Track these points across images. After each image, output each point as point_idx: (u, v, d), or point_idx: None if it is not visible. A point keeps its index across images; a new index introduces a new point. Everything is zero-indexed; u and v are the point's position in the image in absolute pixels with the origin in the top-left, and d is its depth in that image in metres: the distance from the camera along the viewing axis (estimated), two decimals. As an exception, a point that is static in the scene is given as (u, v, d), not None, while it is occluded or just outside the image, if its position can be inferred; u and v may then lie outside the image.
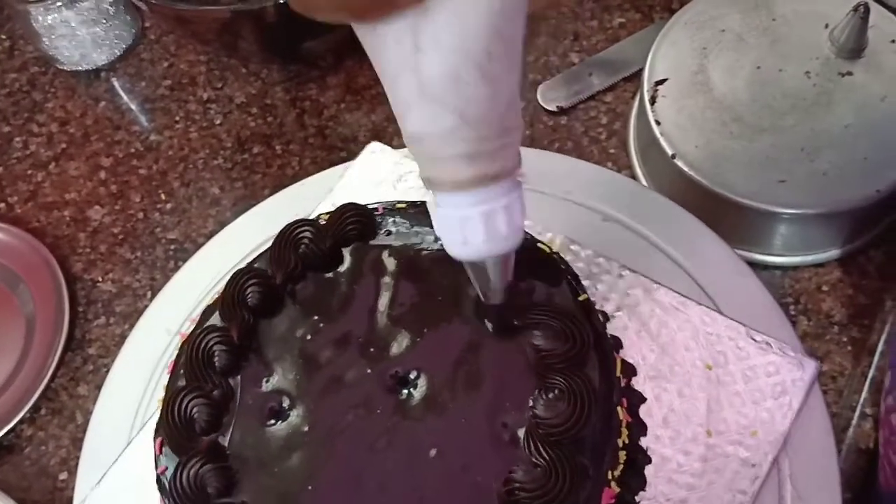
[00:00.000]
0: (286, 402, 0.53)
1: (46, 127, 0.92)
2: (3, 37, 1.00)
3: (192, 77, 0.93)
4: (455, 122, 0.39)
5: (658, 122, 0.73)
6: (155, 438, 0.54)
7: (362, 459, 0.50)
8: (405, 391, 0.52)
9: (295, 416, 0.52)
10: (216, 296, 0.57)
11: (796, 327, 0.70)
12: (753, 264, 0.72)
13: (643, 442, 0.57)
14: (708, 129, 0.73)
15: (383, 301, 0.55)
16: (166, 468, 0.52)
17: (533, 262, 0.53)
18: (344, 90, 0.90)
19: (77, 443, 0.74)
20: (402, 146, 0.82)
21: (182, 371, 0.54)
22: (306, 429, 0.52)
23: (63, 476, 0.73)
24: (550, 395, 0.48)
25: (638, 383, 0.58)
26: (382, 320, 0.54)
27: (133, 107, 0.93)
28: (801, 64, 0.75)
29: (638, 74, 0.82)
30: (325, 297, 0.56)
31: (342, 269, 0.57)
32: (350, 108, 0.89)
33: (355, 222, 0.57)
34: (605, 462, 0.49)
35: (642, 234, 0.67)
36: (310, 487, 0.50)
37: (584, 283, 0.56)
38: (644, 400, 0.58)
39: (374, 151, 0.74)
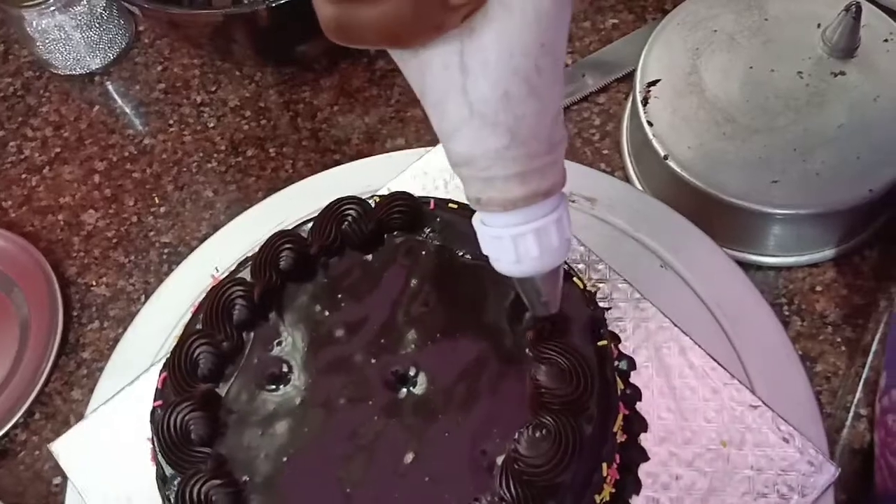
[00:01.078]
0: (287, 371, 0.54)
1: (41, 131, 0.92)
2: (-2, 41, 1.01)
3: (185, 80, 0.93)
4: (507, 141, 0.38)
5: (650, 124, 0.73)
6: (161, 372, 0.55)
7: (342, 446, 0.50)
8: (403, 389, 0.52)
9: (292, 386, 0.53)
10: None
11: (790, 328, 0.70)
12: (747, 265, 0.72)
13: (635, 501, 0.55)
14: (700, 129, 0.73)
15: (407, 296, 0.55)
16: (162, 404, 0.53)
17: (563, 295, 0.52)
18: (337, 93, 0.90)
19: (71, 447, 0.74)
20: (396, 149, 0.84)
21: (201, 315, 0.56)
22: (298, 401, 0.52)
23: (57, 481, 0.73)
24: (537, 434, 0.47)
25: (646, 440, 0.57)
26: (401, 315, 0.54)
27: (127, 110, 0.93)
28: (793, 64, 0.75)
29: (631, 75, 0.81)
30: (354, 278, 0.56)
31: (379, 254, 0.57)
32: (343, 110, 0.89)
33: (402, 212, 0.57)
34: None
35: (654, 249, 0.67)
36: (284, 459, 0.51)
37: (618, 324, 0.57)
38: (647, 458, 0.56)
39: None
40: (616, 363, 0.56)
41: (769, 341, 0.62)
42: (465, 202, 0.52)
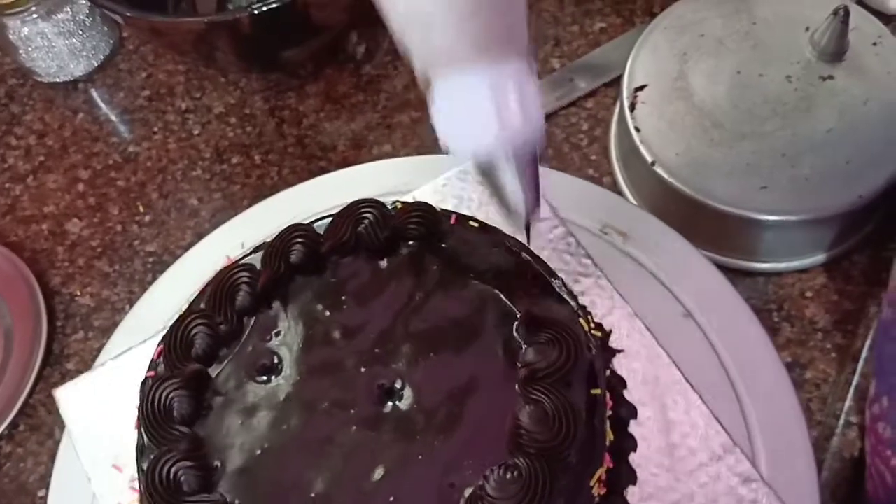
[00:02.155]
0: (279, 364, 0.53)
1: (24, 139, 0.92)
2: (-19, 49, 1.00)
3: (170, 87, 0.92)
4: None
5: (638, 129, 0.73)
6: (159, 344, 0.55)
7: (316, 450, 0.50)
8: (389, 403, 0.51)
9: (280, 380, 0.53)
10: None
11: (779, 334, 0.69)
12: (736, 271, 0.72)
13: None
14: (688, 135, 0.72)
15: (410, 309, 0.54)
16: (153, 375, 0.53)
17: (559, 332, 0.50)
18: (323, 99, 0.89)
19: (55, 459, 0.73)
20: (383, 157, 0.83)
21: (205, 295, 0.56)
22: (283, 397, 0.52)
23: (42, 493, 0.72)
24: (507, 475, 0.45)
25: (632, 495, 0.55)
26: (400, 327, 0.54)
27: (112, 118, 0.92)
28: (781, 68, 0.74)
29: (619, 79, 0.81)
30: (361, 282, 0.56)
31: (390, 262, 0.57)
32: (330, 116, 0.88)
33: (420, 222, 0.56)
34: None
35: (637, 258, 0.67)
36: (258, 452, 0.50)
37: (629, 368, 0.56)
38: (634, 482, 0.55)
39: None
40: (613, 411, 0.55)
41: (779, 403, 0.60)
42: (486, 222, 0.51)
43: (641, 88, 0.75)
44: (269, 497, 0.49)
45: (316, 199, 0.72)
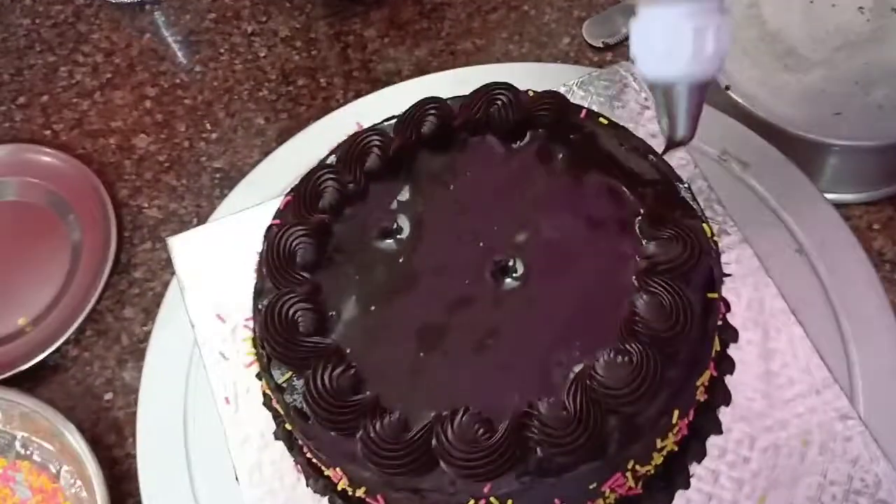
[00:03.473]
0: (399, 229, 0.55)
1: (91, 57, 0.93)
2: (47, -30, 1.01)
3: (236, 11, 0.93)
4: None
5: (711, 54, 0.73)
6: (287, 195, 0.57)
7: (428, 312, 0.51)
8: (505, 280, 0.52)
9: (399, 244, 0.54)
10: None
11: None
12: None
13: (695, 468, 0.54)
14: (761, 61, 0.72)
15: (533, 192, 0.55)
16: (280, 223, 0.55)
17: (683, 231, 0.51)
18: (387, 25, 0.89)
19: (122, 364, 0.75)
20: (444, 68, 0.83)
21: (336, 153, 0.58)
22: (401, 260, 0.54)
23: (108, 396, 0.74)
24: (618, 359, 0.46)
25: (725, 414, 0.56)
26: (522, 208, 0.54)
27: (178, 39, 0.93)
28: (853, -1, 0.74)
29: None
30: (486, 161, 0.57)
31: (519, 145, 0.57)
32: (394, 42, 0.88)
33: (550, 110, 0.57)
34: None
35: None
36: (373, 307, 0.52)
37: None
38: (720, 432, 0.55)
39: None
40: (719, 325, 0.54)
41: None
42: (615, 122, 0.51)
43: (715, 15, 0.75)
44: (379, 349, 0.50)
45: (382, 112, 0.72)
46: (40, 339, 0.76)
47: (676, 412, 0.47)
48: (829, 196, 0.72)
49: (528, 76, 0.71)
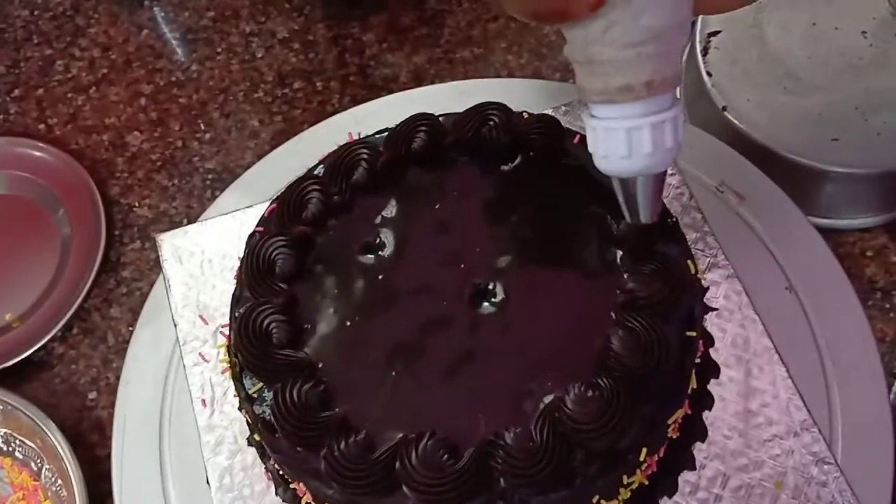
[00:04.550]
0: (381, 245, 0.54)
1: (88, 52, 0.92)
2: (48, -39, 1.00)
3: (235, 10, 0.92)
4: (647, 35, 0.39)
5: (710, 74, 0.72)
6: (271, 203, 0.57)
7: (404, 332, 0.51)
8: (480, 302, 0.51)
9: (380, 261, 0.54)
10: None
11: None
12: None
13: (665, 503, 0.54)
14: (761, 83, 0.71)
15: (519, 218, 0.54)
16: (262, 231, 0.55)
17: (665, 266, 0.50)
18: (386, 30, 0.89)
19: (108, 364, 0.75)
20: (435, 82, 0.82)
21: (324, 164, 0.57)
22: (381, 277, 0.53)
23: (92, 395, 0.74)
24: (589, 393, 0.46)
25: (699, 451, 0.55)
26: (506, 234, 0.54)
27: (176, 36, 0.92)
28: (857, 23, 0.73)
29: (691, 24, 0.80)
30: (474, 182, 0.56)
31: (508, 167, 0.56)
32: (392, 48, 0.88)
33: (542, 135, 0.56)
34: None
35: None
36: (349, 323, 0.51)
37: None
38: (693, 468, 0.55)
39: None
40: (698, 361, 0.54)
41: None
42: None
43: (715, 34, 0.74)
44: (352, 366, 0.50)
45: (380, 119, 0.72)
46: (26, 335, 0.76)
47: (645, 450, 0.46)
48: (822, 221, 0.72)
49: (529, 91, 0.71)
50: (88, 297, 0.77)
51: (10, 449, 0.71)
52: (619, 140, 0.42)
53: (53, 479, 0.69)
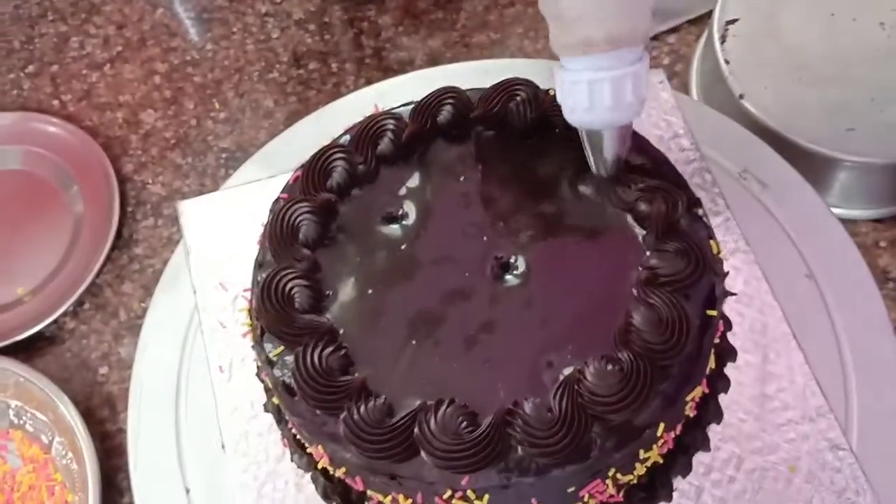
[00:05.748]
0: (404, 215, 0.55)
1: (103, 29, 0.92)
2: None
3: (251, -10, 0.93)
4: None
5: (727, 62, 0.72)
6: (296, 170, 0.57)
7: (424, 301, 0.51)
8: (503, 275, 0.52)
9: (403, 230, 0.54)
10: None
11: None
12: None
13: (679, 482, 0.54)
14: (778, 72, 0.71)
15: (543, 191, 0.54)
16: (287, 197, 0.55)
17: (688, 245, 0.50)
18: (402, 13, 0.89)
19: (119, 339, 0.75)
20: (457, 60, 0.82)
21: (350, 134, 0.57)
22: (403, 247, 0.53)
23: (103, 370, 0.74)
24: (609, 367, 0.46)
25: (714, 432, 0.55)
26: (529, 206, 0.54)
27: (190, 16, 0.92)
28: (875, 14, 0.74)
29: (703, 18, 0.80)
30: (500, 156, 0.56)
31: (533, 143, 0.57)
32: (408, 31, 0.88)
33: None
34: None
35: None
36: (370, 290, 0.52)
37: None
38: (708, 448, 0.55)
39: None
40: (717, 344, 0.54)
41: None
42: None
43: (733, 22, 0.74)
44: (372, 333, 0.50)
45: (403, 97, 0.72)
46: (38, 309, 0.76)
47: (663, 425, 0.46)
48: (836, 211, 0.72)
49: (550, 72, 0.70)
50: (101, 273, 0.77)
51: (22, 422, 0.71)
52: (582, 92, 0.44)
53: (64, 453, 0.69)
